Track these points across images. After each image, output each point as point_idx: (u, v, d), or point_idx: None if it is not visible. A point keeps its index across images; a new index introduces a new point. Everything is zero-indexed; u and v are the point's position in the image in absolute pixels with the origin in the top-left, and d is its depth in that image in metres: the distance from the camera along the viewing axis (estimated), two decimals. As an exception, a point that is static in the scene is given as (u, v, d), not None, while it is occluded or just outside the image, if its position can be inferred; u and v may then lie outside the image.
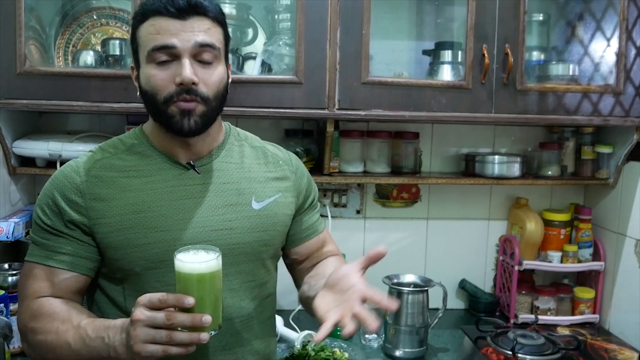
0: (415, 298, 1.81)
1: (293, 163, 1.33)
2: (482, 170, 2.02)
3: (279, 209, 1.25)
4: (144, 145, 1.20)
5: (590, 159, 2.10)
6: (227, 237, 1.17)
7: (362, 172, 2.03)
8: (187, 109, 1.10)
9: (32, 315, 1.12)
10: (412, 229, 2.21)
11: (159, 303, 0.96)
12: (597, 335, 1.96)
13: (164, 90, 1.10)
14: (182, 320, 0.95)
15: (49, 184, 1.18)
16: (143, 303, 0.97)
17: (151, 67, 1.11)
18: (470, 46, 1.78)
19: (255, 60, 1.85)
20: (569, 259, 2.08)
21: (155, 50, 1.09)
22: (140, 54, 1.13)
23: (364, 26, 1.73)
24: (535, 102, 1.84)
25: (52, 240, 1.15)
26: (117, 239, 1.13)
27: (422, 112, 1.80)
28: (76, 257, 1.15)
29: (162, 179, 1.17)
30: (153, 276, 1.14)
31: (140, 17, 1.12)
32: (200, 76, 1.11)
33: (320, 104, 1.74)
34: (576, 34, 2.03)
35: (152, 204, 1.15)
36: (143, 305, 0.96)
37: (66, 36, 1.88)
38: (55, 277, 1.14)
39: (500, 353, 1.68)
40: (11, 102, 1.67)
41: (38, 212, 1.17)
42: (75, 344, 1.05)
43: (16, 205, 1.89)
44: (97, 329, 1.05)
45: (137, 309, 0.97)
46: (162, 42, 1.08)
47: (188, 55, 1.09)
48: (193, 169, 1.19)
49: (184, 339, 0.96)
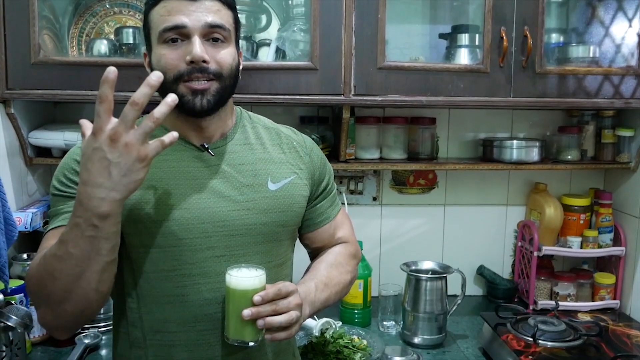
0: (433, 285, 1.80)
1: (307, 145, 1.32)
2: (500, 156, 2.00)
3: (295, 190, 1.24)
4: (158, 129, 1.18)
5: (610, 143, 2.07)
6: (245, 217, 1.17)
7: (378, 159, 2.01)
8: (200, 89, 1.11)
9: (31, 267, 1.06)
10: (429, 215, 2.20)
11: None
12: (619, 321, 1.93)
13: (174, 68, 1.10)
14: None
15: (67, 157, 1.17)
16: None
17: (162, 47, 1.11)
18: (488, 29, 1.75)
19: (269, 47, 1.83)
20: (589, 244, 2.05)
21: (167, 31, 1.09)
22: (152, 37, 1.14)
23: (380, 10, 1.71)
24: (554, 85, 1.81)
25: (70, 204, 1.08)
26: (135, 213, 1.12)
27: (439, 97, 1.77)
28: None
29: (177, 158, 1.17)
30: (171, 254, 1.13)
31: (152, 2, 1.14)
32: (211, 54, 1.11)
33: (335, 89, 1.72)
34: (597, 15, 1.98)
35: (169, 181, 1.14)
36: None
37: (79, 25, 1.87)
38: None
39: (521, 339, 1.67)
40: (26, 92, 1.67)
41: (55, 184, 1.14)
42: (59, 250, 0.98)
43: (33, 196, 1.90)
44: (68, 223, 0.98)
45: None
46: (173, 22, 1.09)
47: (198, 34, 1.10)
48: (207, 150, 1.18)
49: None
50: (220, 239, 1.15)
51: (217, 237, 1.15)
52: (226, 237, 1.16)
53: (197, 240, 1.14)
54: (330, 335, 1.73)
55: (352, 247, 1.40)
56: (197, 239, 1.14)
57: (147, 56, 1.18)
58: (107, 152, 0.92)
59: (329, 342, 1.70)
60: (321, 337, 1.72)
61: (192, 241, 1.13)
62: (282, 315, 1.06)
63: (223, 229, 1.15)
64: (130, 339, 1.17)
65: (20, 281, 1.62)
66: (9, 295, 1.54)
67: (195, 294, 1.13)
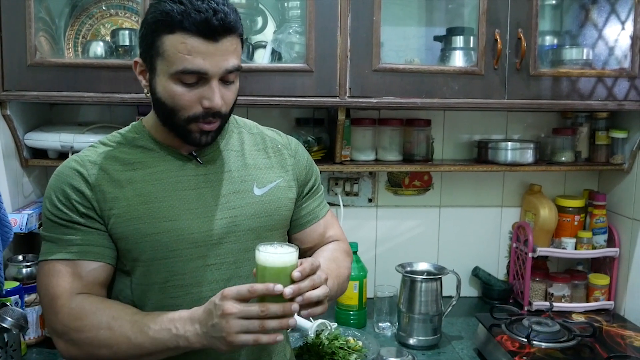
0: (428, 286, 1.81)
1: (292, 147, 1.33)
2: (494, 157, 2.01)
3: (281, 193, 1.26)
4: (145, 139, 1.20)
5: (604, 144, 2.08)
6: (233, 224, 1.18)
7: (373, 161, 2.02)
8: (209, 130, 1.13)
9: (72, 315, 1.09)
10: (424, 217, 2.20)
11: (248, 294, 1.00)
12: (613, 322, 1.94)
13: (189, 109, 1.10)
14: (275, 310, 1.00)
15: (55, 180, 1.16)
16: (232, 296, 1.00)
17: (176, 85, 1.09)
18: (482, 31, 1.76)
19: (265, 49, 1.84)
20: (583, 245, 2.06)
21: (185, 73, 1.07)
22: (161, 64, 1.09)
23: (375, 13, 1.71)
24: (548, 87, 1.82)
25: (69, 233, 1.13)
26: (126, 229, 1.13)
27: (434, 99, 1.78)
28: (98, 247, 1.13)
29: (165, 169, 1.17)
30: (163, 266, 1.14)
31: (165, 28, 1.06)
32: (224, 97, 1.12)
33: (331, 92, 1.73)
34: (590, 18, 2.00)
35: (158, 194, 1.15)
36: (232, 299, 1.00)
37: (76, 27, 1.88)
38: (82, 269, 1.12)
39: (515, 340, 1.67)
40: (22, 94, 1.67)
41: (49, 208, 1.14)
42: (137, 338, 1.06)
43: (29, 197, 1.90)
44: (160, 321, 1.06)
45: (226, 301, 1.00)
46: (195, 67, 1.06)
47: (217, 79, 1.09)
48: (195, 159, 1.19)
49: (275, 326, 1.00)
50: (210, 248, 1.16)
51: (207, 245, 1.16)
52: (216, 245, 1.17)
53: (187, 250, 1.15)
54: (326, 337, 1.73)
55: (345, 244, 1.40)
56: (187, 250, 1.15)
57: (143, 68, 1.15)
58: (216, 316, 1.01)
59: (324, 343, 1.70)
60: (316, 339, 1.72)
61: (183, 252, 1.14)
62: (318, 289, 1.05)
63: (212, 238, 1.16)
64: None
65: (15, 283, 1.62)
66: (4, 297, 1.53)
67: (189, 304, 1.12)
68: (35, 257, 1.72)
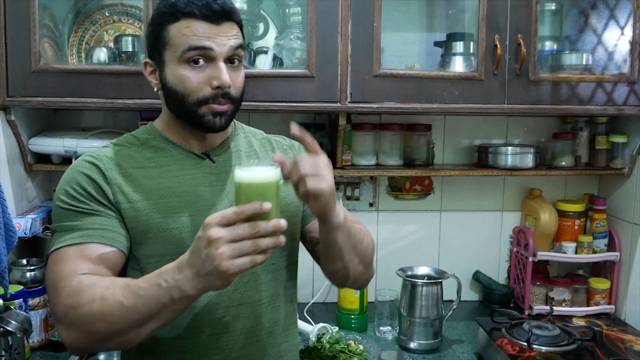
0: (429, 290, 1.81)
1: (296, 147, 1.36)
2: (495, 162, 2.02)
3: (290, 189, 1.25)
4: (158, 139, 1.21)
5: (604, 149, 2.09)
6: None
7: (374, 165, 2.03)
8: (221, 111, 1.14)
9: (71, 292, 1.04)
10: (425, 221, 2.21)
11: (234, 216, 0.93)
12: (613, 326, 1.95)
13: (198, 92, 1.12)
14: (266, 227, 0.93)
15: (70, 172, 1.15)
16: (216, 222, 0.93)
17: (185, 69, 1.12)
18: (482, 37, 1.77)
19: (266, 55, 1.86)
20: (583, 249, 2.07)
21: (192, 50, 1.10)
22: (168, 53, 1.13)
23: (375, 18, 1.73)
24: (548, 92, 1.83)
25: (83, 220, 1.11)
26: (144, 223, 1.13)
27: (435, 104, 1.79)
28: (115, 233, 1.11)
29: (180, 167, 1.19)
30: None
31: (170, 17, 1.12)
32: (232, 79, 1.14)
33: (332, 97, 1.75)
34: (589, 23, 2.01)
35: (175, 189, 1.16)
36: (216, 225, 0.92)
37: (79, 34, 1.90)
38: (92, 251, 1.09)
39: (516, 344, 1.68)
40: (26, 99, 1.69)
41: (62, 198, 1.13)
42: (128, 301, 0.99)
43: (33, 202, 1.92)
44: (148, 279, 1.00)
45: (210, 229, 0.92)
46: (200, 43, 1.10)
47: (223, 58, 1.12)
48: (208, 158, 1.21)
49: (269, 244, 0.93)
50: None
51: None
52: None
53: None
54: (327, 341, 1.74)
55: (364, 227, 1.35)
56: None
57: (153, 67, 1.18)
58: (203, 248, 0.93)
59: (326, 347, 1.71)
60: (318, 342, 1.74)
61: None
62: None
63: None
64: (142, 346, 1.15)
65: (19, 286, 1.64)
66: (8, 301, 1.54)
67: (203, 299, 1.13)
68: (39, 261, 1.74)
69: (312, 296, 2.11)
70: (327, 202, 1.05)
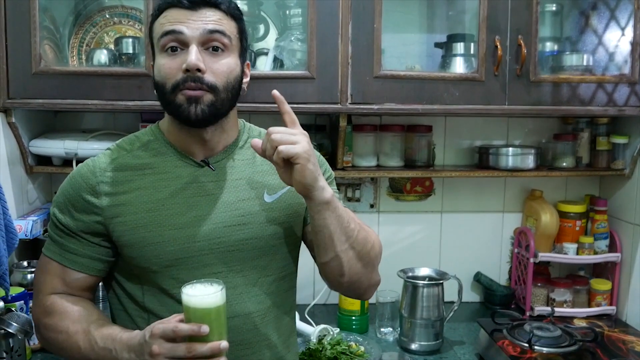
0: (430, 291, 1.81)
1: None
2: (496, 163, 2.02)
3: (292, 199, 1.23)
4: (160, 142, 1.20)
5: (605, 150, 2.08)
6: (241, 232, 1.18)
7: (375, 166, 2.03)
8: (194, 97, 1.10)
9: (45, 311, 1.18)
10: (426, 222, 2.21)
11: (172, 334, 0.99)
12: (614, 327, 1.95)
13: (172, 78, 1.11)
14: (203, 351, 0.99)
15: (67, 184, 1.20)
16: (159, 335, 1.00)
17: (162, 57, 1.13)
18: (482, 38, 1.77)
19: (267, 56, 1.86)
20: (584, 250, 2.06)
21: (164, 35, 1.11)
22: (155, 47, 1.15)
23: (376, 20, 1.73)
24: (549, 93, 1.83)
25: (65, 239, 1.18)
26: (132, 237, 1.14)
27: (435, 105, 1.79)
28: (87, 259, 1.18)
29: (176, 176, 1.18)
30: (168, 274, 1.15)
31: (156, 13, 1.16)
32: (208, 65, 1.10)
33: (332, 98, 1.74)
34: (590, 24, 2.01)
35: (166, 201, 1.15)
36: (160, 337, 1.00)
37: (80, 35, 1.90)
38: (67, 275, 1.18)
39: (517, 345, 1.68)
40: (27, 101, 1.69)
41: (55, 210, 1.20)
42: (85, 349, 1.11)
43: (33, 204, 1.92)
44: (105, 338, 1.10)
45: (154, 340, 1.00)
46: (170, 27, 1.10)
47: (196, 42, 1.10)
48: (208, 166, 1.19)
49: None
50: (216, 256, 1.16)
51: (214, 254, 1.16)
52: (222, 254, 1.17)
53: (193, 258, 1.15)
54: (328, 342, 1.74)
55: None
56: (193, 258, 1.15)
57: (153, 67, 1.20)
58: (146, 354, 1.02)
59: (327, 349, 1.71)
60: (319, 344, 1.73)
61: (188, 260, 1.15)
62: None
63: (219, 246, 1.16)
64: None
65: (20, 288, 1.64)
66: (9, 303, 1.55)
67: None
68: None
69: (313, 297, 2.11)
70: (305, 170, 1.04)
